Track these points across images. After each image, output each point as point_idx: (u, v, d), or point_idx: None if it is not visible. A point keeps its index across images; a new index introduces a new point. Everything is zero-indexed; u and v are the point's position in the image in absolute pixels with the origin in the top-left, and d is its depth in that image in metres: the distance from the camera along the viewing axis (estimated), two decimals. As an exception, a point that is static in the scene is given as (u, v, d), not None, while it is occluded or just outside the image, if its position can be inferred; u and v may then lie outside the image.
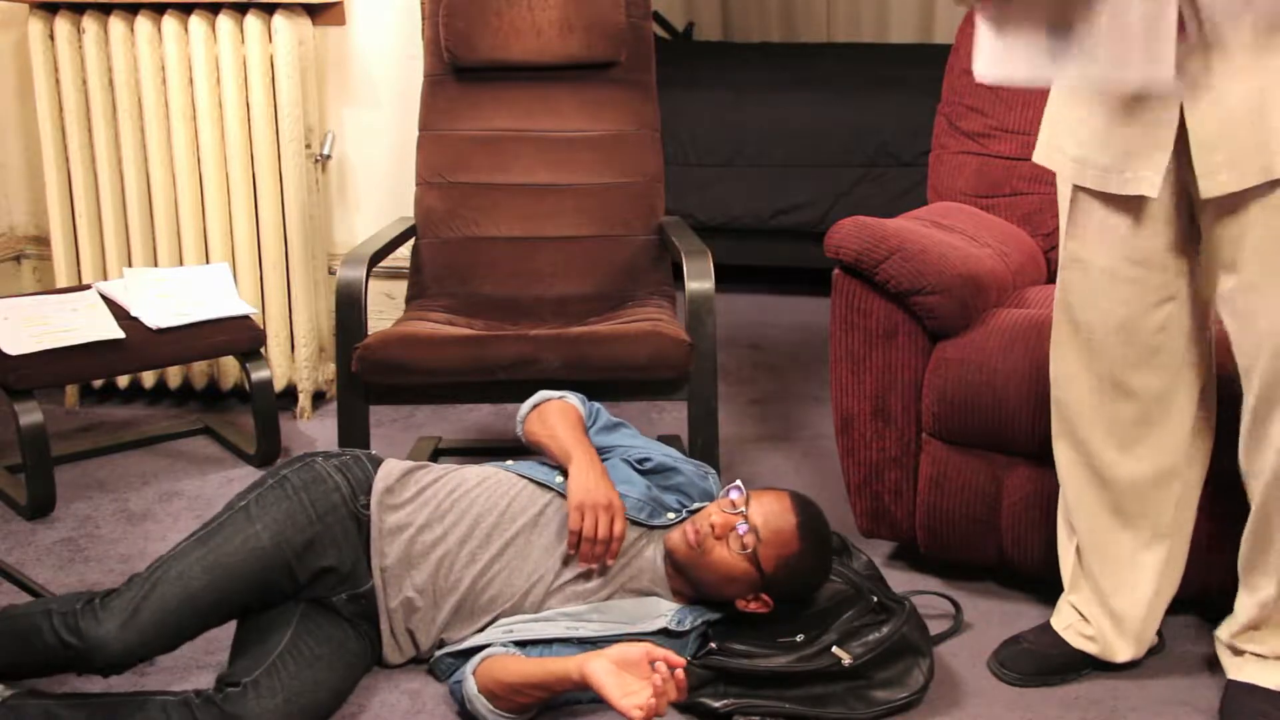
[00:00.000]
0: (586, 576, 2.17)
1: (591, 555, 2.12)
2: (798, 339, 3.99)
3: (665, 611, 2.15)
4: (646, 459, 2.32)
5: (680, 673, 1.86)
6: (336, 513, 2.12)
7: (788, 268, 4.45)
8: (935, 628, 2.29)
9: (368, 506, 2.16)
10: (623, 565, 2.18)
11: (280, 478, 2.15)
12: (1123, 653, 2.19)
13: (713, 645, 2.12)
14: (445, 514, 2.18)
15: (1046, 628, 2.26)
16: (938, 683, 2.17)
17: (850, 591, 2.23)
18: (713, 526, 2.10)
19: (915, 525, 2.49)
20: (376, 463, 2.25)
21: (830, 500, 2.79)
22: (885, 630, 2.12)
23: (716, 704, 2.08)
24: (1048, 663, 2.21)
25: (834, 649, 2.08)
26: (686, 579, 2.16)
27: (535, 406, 2.33)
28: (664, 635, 2.11)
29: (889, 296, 2.41)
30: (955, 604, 2.41)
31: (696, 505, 2.26)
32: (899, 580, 2.49)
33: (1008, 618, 2.39)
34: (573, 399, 2.35)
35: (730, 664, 2.09)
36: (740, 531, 2.09)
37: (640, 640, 2.03)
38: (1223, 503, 2.17)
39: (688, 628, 2.14)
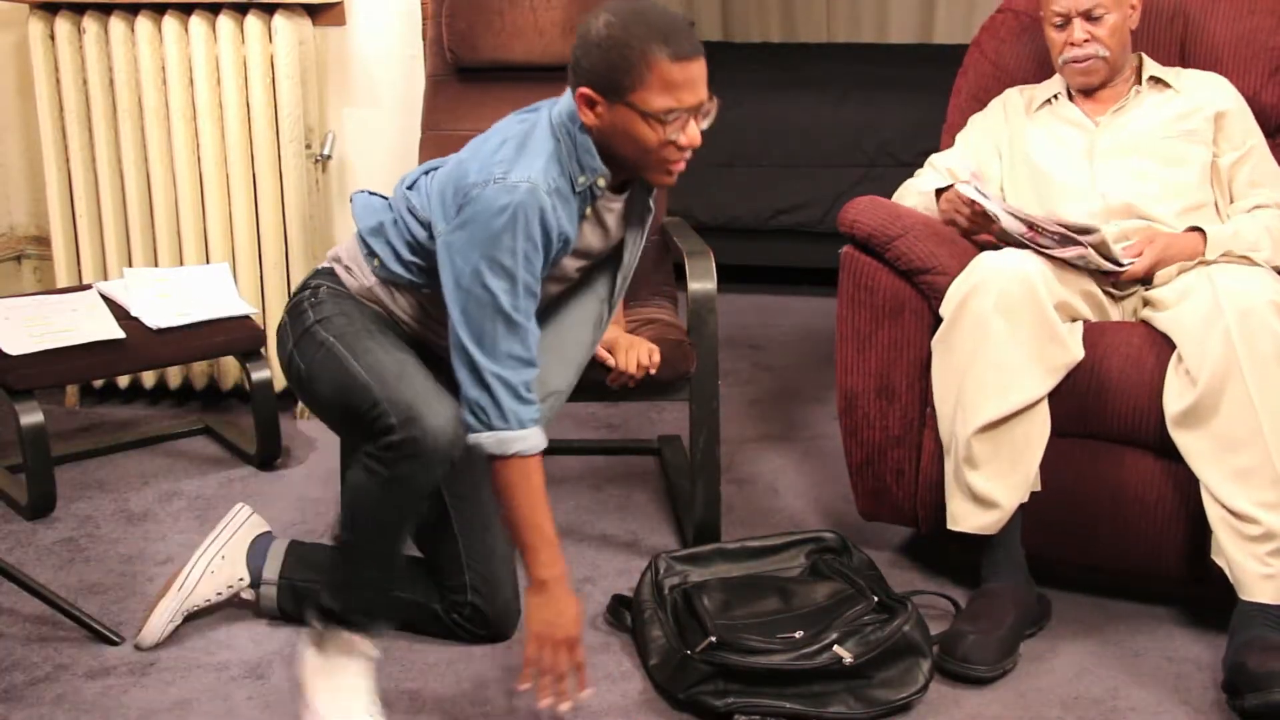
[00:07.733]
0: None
1: (550, 690, 2.02)
2: (798, 339, 3.99)
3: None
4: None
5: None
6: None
7: (788, 268, 4.45)
8: (935, 628, 2.29)
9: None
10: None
11: None
12: None
13: (713, 639, 2.12)
14: None
15: (976, 613, 2.27)
16: (938, 683, 2.18)
17: (851, 590, 2.23)
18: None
19: (916, 505, 2.49)
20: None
21: (830, 500, 2.80)
22: (887, 629, 2.12)
23: (717, 702, 2.09)
24: (1004, 644, 2.22)
25: (835, 647, 2.08)
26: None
27: (507, 457, 2.03)
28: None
29: (897, 274, 2.43)
30: (955, 604, 2.41)
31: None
32: (899, 580, 2.49)
33: (1008, 617, 2.39)
34: (537, 446, 2.05)
35: (730, 660, 2.09)
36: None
37: None
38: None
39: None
